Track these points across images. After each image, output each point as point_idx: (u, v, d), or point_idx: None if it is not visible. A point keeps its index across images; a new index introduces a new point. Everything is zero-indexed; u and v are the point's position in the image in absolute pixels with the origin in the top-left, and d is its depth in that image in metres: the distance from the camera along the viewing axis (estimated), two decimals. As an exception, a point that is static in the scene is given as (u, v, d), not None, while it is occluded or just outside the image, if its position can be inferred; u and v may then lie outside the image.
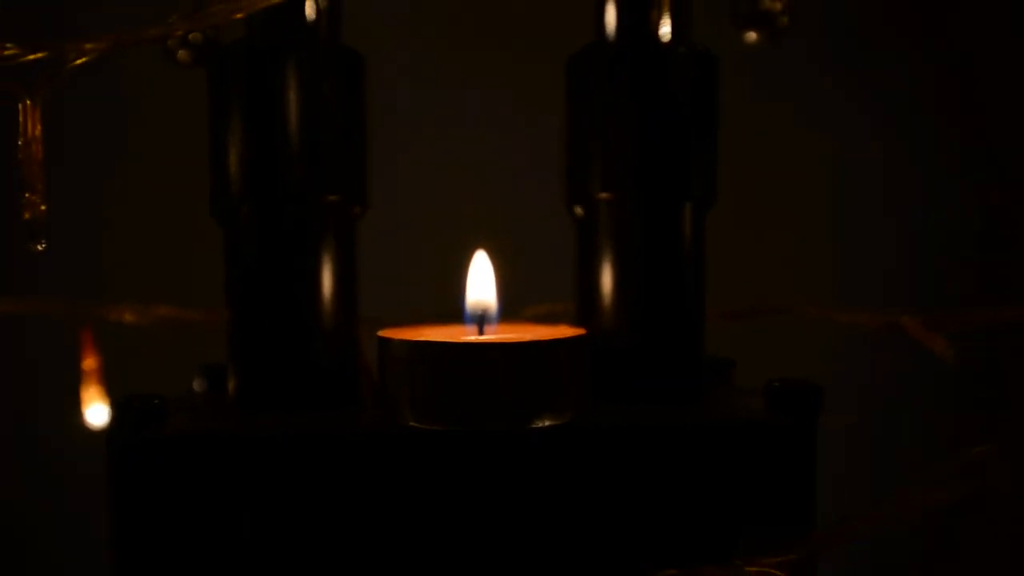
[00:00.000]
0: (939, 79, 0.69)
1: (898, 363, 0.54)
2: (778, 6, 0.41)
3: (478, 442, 0.32)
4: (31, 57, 0.29)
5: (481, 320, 0.35)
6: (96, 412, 0.43)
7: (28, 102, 0.29)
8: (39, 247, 0.30)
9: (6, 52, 0.29)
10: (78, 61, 0.29)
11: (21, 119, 0.29)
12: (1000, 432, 0.33)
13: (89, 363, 0.43)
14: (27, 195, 0.30)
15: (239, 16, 0.32)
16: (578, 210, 0.39)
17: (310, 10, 0.37)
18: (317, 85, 0.37)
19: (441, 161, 0.62)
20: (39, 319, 0.43)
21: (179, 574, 0.33)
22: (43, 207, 0.30)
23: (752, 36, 0.42)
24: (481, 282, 0.36)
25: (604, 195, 0.38)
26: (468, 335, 0.34)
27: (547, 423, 0.32)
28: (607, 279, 0.38)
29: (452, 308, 0.36)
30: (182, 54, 0.42)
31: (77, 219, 0.62)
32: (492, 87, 0.61)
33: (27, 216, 0.30)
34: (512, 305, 0.39)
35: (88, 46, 0.30)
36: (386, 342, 0.32)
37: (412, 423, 0.32)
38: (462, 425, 0.31)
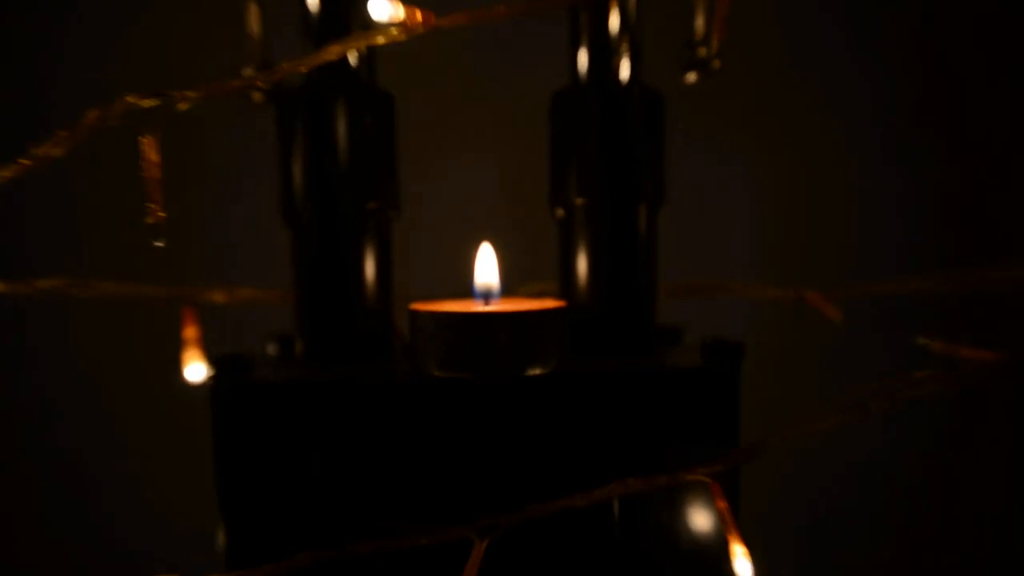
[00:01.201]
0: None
1: (803, 327, 0.55)
2: (712, 53, 0.42)
3: (484, 386, 0.33)
4: (147, 103, 0.30)
5: (487, 296, 0.36)
6: (194, 370, 0.43)
7: (148, 137, 0.30)
8: (159, 244, 0.31)
9: (130, 100, 0.29)
10: (182, 106, 0.30)
11: (143, 149, 0.30)
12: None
13: (189, 332, 0.43)
14: (149, 205, 0.30)
15: (303, 69, 0.32)
16: (560, 211, 0.40)
17: (353, 61, 0.38)
18: (359, 119, 0.37)
19: (456, 175, 0.63)
20: (149, 301, 0.43)
21: (266, 484, 0.34)
22: (161, 214, 0.31)
23: (692, 77, 0.42)
24: (486, 267, 0.36)
25: (579, 200, 0.39)
26: (477, 307, 0.35)
27: (537, 372, 0.33)
28: (582, 264, 0.39)
29: (465, 288, 0.37)
30: (256, 96, 0.43)
31: (182, 223, 0.62)
32: (494, 119, 0.62)
33: (150, 220, 0.31)
34: (510, 284, 0.40)
35: (190, 94, 0.30)
36: (415, 313, 0.33)
37: (435, 373, 0.33)
38: (472, 373, 0.32)
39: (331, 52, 0.31)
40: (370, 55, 0.39)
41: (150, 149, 0.30)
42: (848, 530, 0.68)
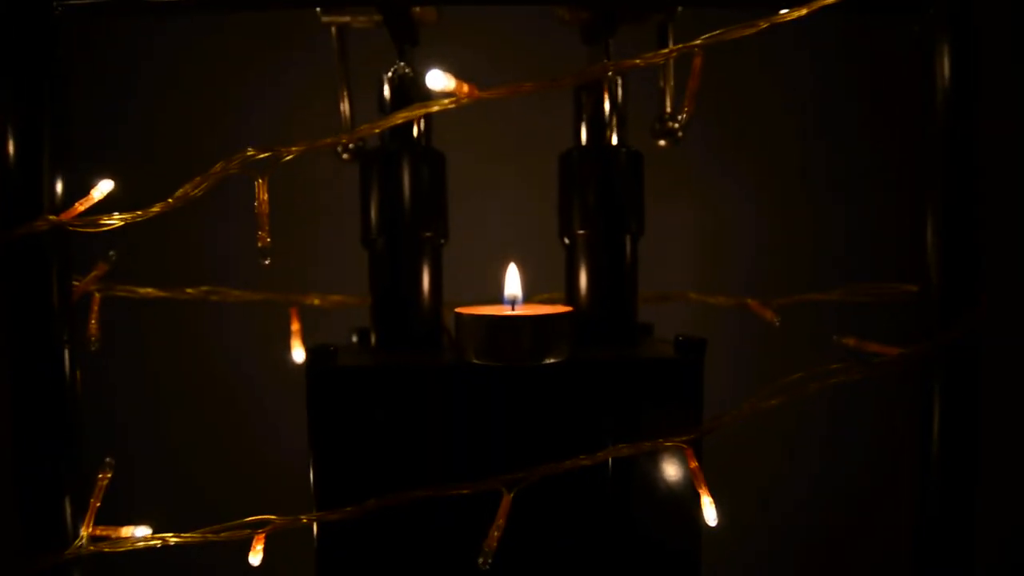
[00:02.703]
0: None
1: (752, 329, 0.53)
2: (676, 126, 0.40)
3: (512, 371, 0.32)
4: (261, 156, 0.28)
5: (513, 303, 0.34)
6: (298, 354, 0.42)
7: (260, 180, 0.29)
8: (267, 262, 0.29)
9: (248, 154, 0.28)
10: (286, 158, 0.29)
11: (257, 191, 0.29)
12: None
13: (295, 326, 0.42)
14: (260, 233, 0.29)
15: (377, 131, 0.31)
16: (566, 240, 0.38)
17: (415, 127, 0.37)
18: (417, 171, 0.36)
19: (492, 214, 0.62)
20: (265, 303, 0.42)
21: (348, 446, 0.32)
22: (268, 239, 0.29)
23: (662, 143, 0.41)
24: (512, 281, 0.35)
25: (580, 232, 0.37)
26: (506, 311, 0.33)
27: (552, 360, 0.31)
28: (583, 278, 0.37)
29: (497, 297, 0.36)
30: (346, 156, 0.42)
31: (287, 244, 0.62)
32: (516, 175, 0.61)
33: (260, 245, 0.29)
34: (529, 293, 0.38)
35: (293, 148, 0.29)
36: (459, 315, 0.32)
37: (473, 360, 0.31)
38: (502, 361, 0.31)
39: (397, 118, 0.29)
40: (428, 123, 0.38)
41: (261, 190, 0.28)
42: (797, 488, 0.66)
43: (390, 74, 0.37)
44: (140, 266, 0.37)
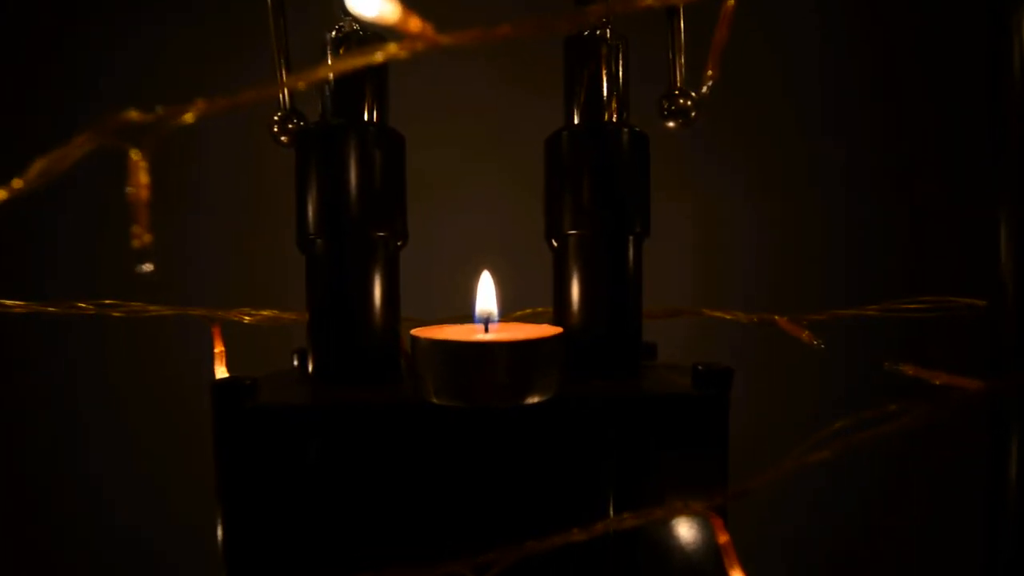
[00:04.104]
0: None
1: (767, 348, 0.46)
2: (690, 104, 0.33)
3: (482, 413, 0.24)
4: (141, 118, 0.20)
5: (487, 322, 0.27)
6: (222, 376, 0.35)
7: (136, 155, 0.21)
8: (146, 268, 0.21)
9: (131, 116, 0.20)
10: (187, 118, 0.21)
11: (131, 169, 0.21)
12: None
13: (218, 348, 0.34)
14: (134, 229, 0.21)
15: (302, 85, 0.23)
16: (554, 242, 0.31)
17: (365, 99, 0.29)
18: (368, 154, 0.29)
19: (462, 210, 0.54)
20: (184, 319, 0.34)
21: (264, 503, 0.25)
22: (148, 237, 0.21)
23: (672, 125, 0.34)
24: (486, 294, 0.27)
25: (572, 232, 0.30)
26: (477, 332, 0.26)
27: (535, 399, 0.23)
28: (575, 291, 0.30)
29: (468, 313, 0.28)
30: (284, 139, 0.34)
31: (210, 255, 0.53)
32: (494, 162, 0.53)
33: (136, 245, 0.21)
34: (508, 308, 0.31)
35: (187, 113, 0.21)
36: (415, 339, 0.24)
37: (433, 399, 0.24)
38: (470, 402, 0.23)
39: (325, 70, 0.22)
40: (382, 96, 0.31)
41: (137, 169, 0.21)
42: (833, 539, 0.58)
43: (334, 33, 0.30)
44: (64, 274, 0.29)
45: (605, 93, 0.31)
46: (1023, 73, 0.24)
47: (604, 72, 0.31)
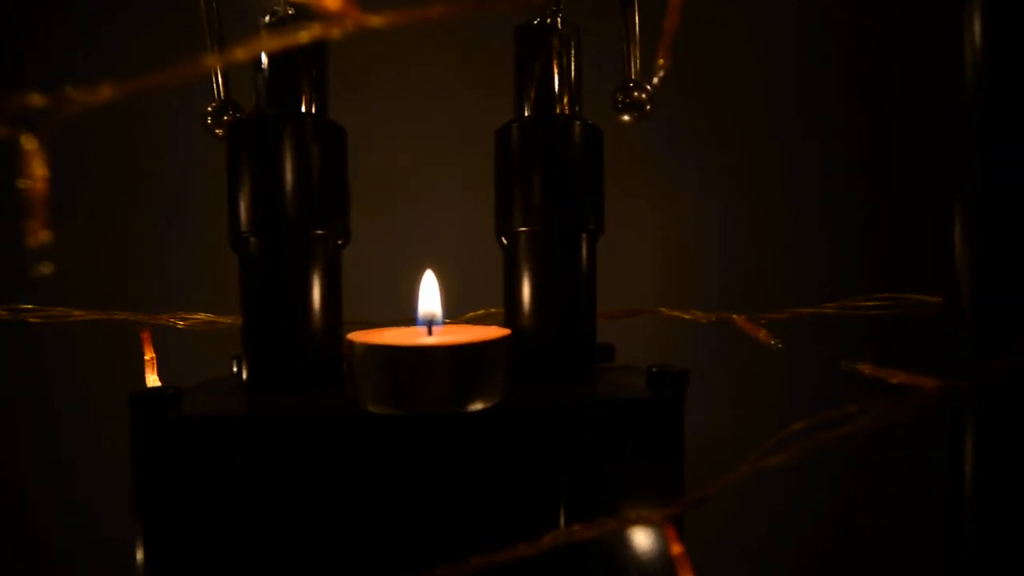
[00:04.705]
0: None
1: (733, 349, 0.45)
2: (644, 97, 0.32)
3: (421, 422, 0.23)
4: (40, 103, 0.18)
5: (430, 323, 0.25)
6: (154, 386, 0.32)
7: (28, 142, 0.19)
8: (44, 270, 0.19)
9: (32, 99, 0.18)
10: (94, 99, 0.19)
11: (25, 159, 0.19)
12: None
13: (148, 355, 0.32)
14: (30, 225, 0.19)
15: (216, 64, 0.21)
16: (504, 240, 0.30)
17: (303, 90, 0.28)
18: (305, 147, 0.27)
19: (408, 206, 0.52)
20: (111, 324, 0.32)
21: (188, 522, 0.23)
22: (45, 234, 0.19)
23: (626, 118, 0.33)
24: (429, 295, 0.26)
25: (523, 229, 0.29)
26: (419, 337, 0.24)
27: (479, 407, 0.22)
28: (526, 290, 0.29)
29: (413, 315, 0.27)
30: (219, 131, 0.32)
31: (136, 254, 0.51)
32: (439, 154, 0.51)
33: (31, 243, 0.19)
34: (457, 309, 0.30)
35: (98, 92, 0.19)
36: (350, 344, 0.22)
37: (369, 408, 0.22)
38: (408, 410, 0.21)
39: (239, 53, 0.20)
40: (321, 87, 0.29)
41: (32, 158, 0.19)
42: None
43: (268, 18, 0.28)
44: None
45: (557, 84, 0.30)
46: (974, 66, 0.24)
47: (555, 62, 0.30)
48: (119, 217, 0.50)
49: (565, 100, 0.30)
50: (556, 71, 0.30)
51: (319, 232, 0.27)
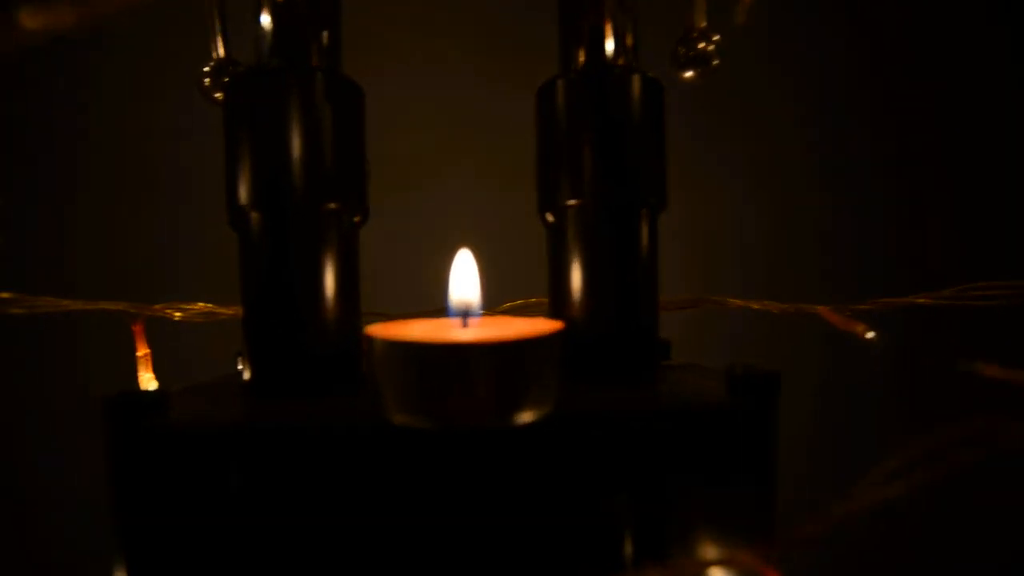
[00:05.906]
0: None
1: (772, 343, 0.40)
2: (711, 48, 0.28)
3: (459, 438, 0.18)
4: None
5: (465, 315, 0.21)
6: (149, 385, 0.29)
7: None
8: None
9: None
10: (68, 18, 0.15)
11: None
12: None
13: (141, 351, 0.28)
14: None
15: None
16: (549, 216, 0.25)
17: (308, 41, 0.23)
18: (317, 104, 0.23)
19: (437, 179, 0.47)
20: (105, 315, 0.28)
21: (170, 544, 0.19)
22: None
23: (689, 75, 0.28)
24: (465, 278, 0.22)
25: (571, 202, 0.24)
26: (453, 330, 0.20)
27: (528, 417, 0.18)
28: (576, 275, 0.24)
29: (443, 305, 0.22)
30: (218, 95, 0.29)
31: (135, 239, 0.47)
32: (474, 115, 0.47)
33: None
34: (493, 299, 0.25)
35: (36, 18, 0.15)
36: (370, 339, 0.18)
37: (394, 420, 0.18)
38: (439, 423, 0.17)
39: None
40: (333, 36, 0.25)
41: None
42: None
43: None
44: None
45: (611, 31, 0.25)
46: None
47: (608, 4, 0.25)
48: (117, 202, 0.47)
49: (620, 49, 0.25)
50: (608, 15, 0.25)
51: (332, 207, 0.23)
